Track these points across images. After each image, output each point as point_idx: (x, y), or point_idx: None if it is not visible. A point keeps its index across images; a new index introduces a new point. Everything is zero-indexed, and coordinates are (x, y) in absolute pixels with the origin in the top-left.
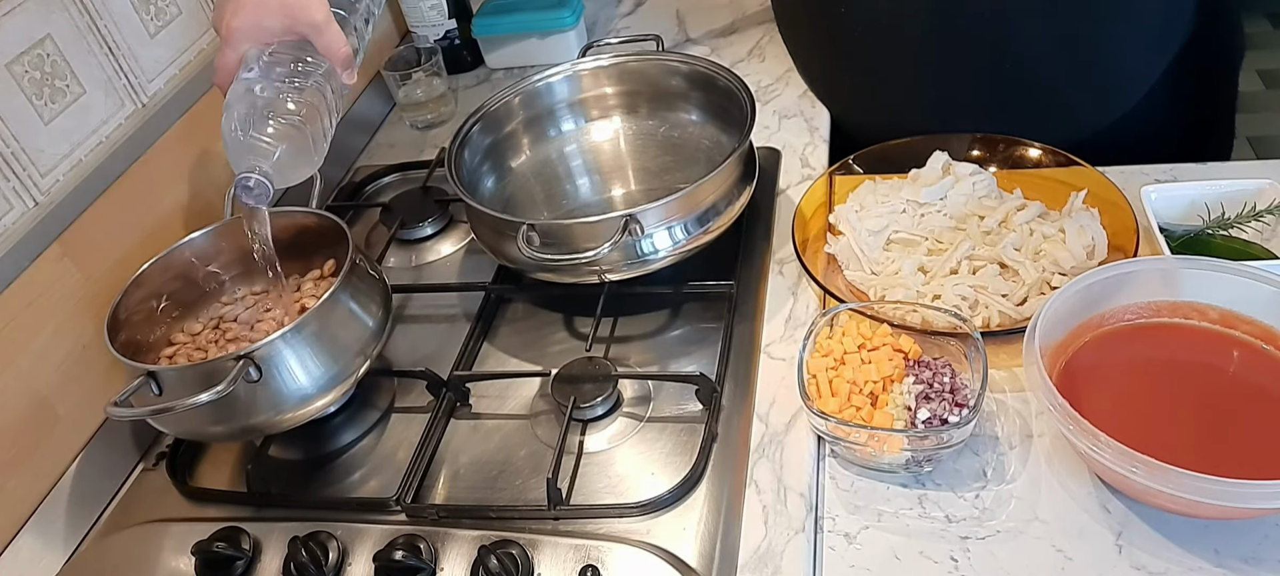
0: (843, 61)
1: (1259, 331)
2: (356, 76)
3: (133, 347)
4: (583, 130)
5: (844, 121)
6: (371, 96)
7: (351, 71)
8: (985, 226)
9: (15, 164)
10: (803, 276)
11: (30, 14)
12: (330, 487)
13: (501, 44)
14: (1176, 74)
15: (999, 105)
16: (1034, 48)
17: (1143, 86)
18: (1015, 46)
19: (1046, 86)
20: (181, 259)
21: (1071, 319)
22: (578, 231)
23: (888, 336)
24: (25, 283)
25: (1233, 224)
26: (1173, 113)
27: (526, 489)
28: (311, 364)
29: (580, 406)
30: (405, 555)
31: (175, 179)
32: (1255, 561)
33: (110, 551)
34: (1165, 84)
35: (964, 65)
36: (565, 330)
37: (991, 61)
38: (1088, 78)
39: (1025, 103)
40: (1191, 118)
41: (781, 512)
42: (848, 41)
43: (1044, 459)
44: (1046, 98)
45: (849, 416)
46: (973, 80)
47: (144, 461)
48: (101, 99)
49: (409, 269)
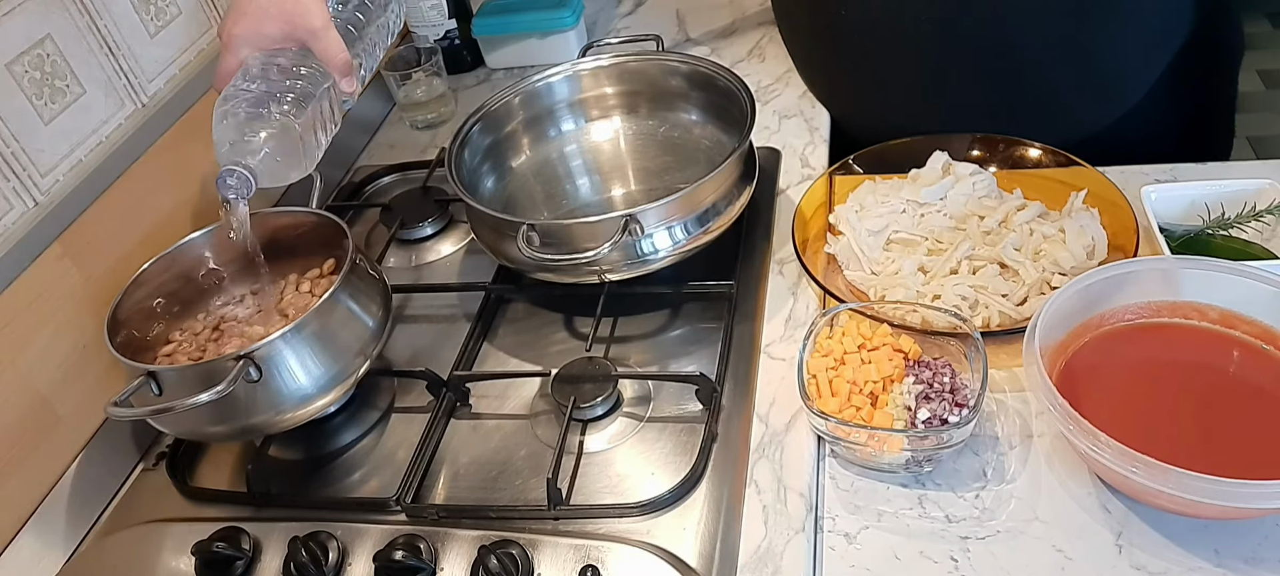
0: (841, 61)
1: (1259, 331)
2: (358, 86)
3: (132, 347)
4: (583, 130)
5: (844, 121)
6: (371, 96)
7: (351, 79)
8: (985, 226)
9: (15, 164)
10: (803, 276)
11: (30, 14)
12: (330, 487)
13: (501, 44)
14: (1176, 74)
15: (998, 105)
16: (1032, 48)
17: (1142, 87)
18: (1013, 46)
19: (1045, 86)
20: (181, 259)
21: (1071, 319)
22: (578, 231)
23: (888, 336)
24: (25, 282)
25: (1233, 224)
26: (1173, 113)
27: (526, 489)
28: (311, 364)
29: (580, 406)
30: (405, 555)
31: (175, 179)
32: (1255, 561)
33: (110, 551)
34: (1165, 84)
35: (963, 65)
36: (565, 330)
37: (990, 62)
38: (1087, 77)
39: (1024, 102)
40: (1192, 117)
41: (781, 512)
42: (846, 42)
43: (1044, 459)
44: (1045, 97)
45: (849, 416)
46: (972, 80)
47: (144, 461)
48: (101, 99)
49: (409, 269)
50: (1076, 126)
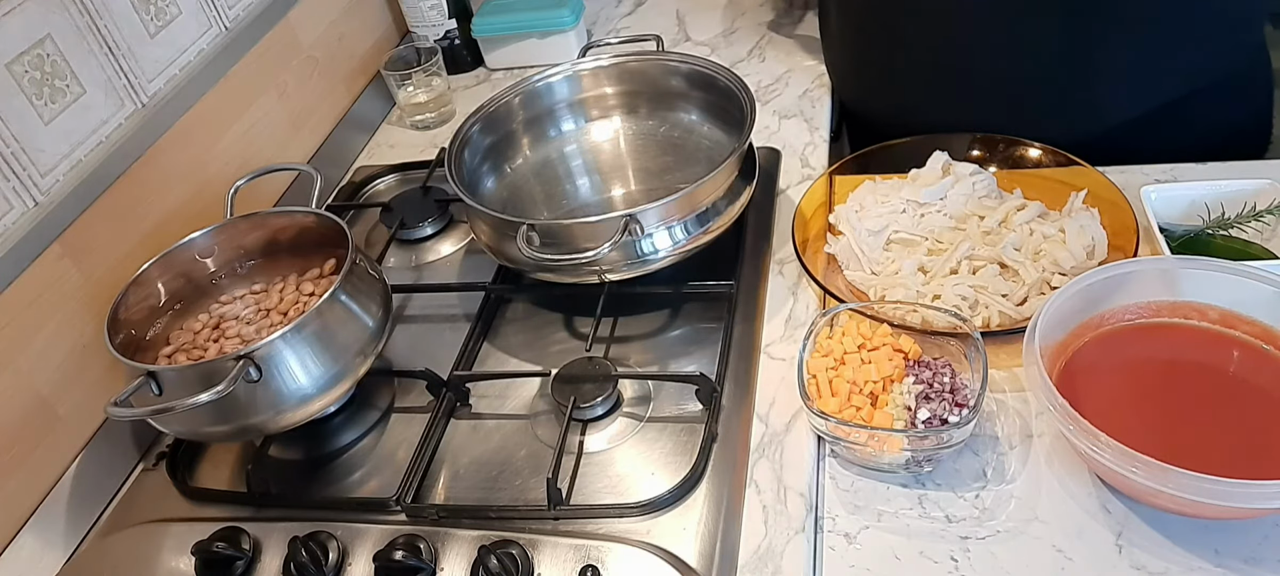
0: (891, 49)
1: (1259, 331)
2: None
3: (132, 347)
4: (583, 130)
5: (861, 109)
6: (371, 96)
7: None
8: (985, 226)
9: (15, 164)
10: (803, 276)
11: (30, 14)
12: (330, 487)
13: (501, 44)
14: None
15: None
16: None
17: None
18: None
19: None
20: (181, 258)
21: (1071, 319)
22: (578, 231)
23: (888, 336)
24: (25, 282)
25: (1233, 224)
26: (1209, 120)
27: (526, 489)
28: (311, 364)
29: (580, 406)
30: (405, 555)
31: (175, 179)
32: (1255, 561)
33: (110, 551)
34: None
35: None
36: (565, 330)
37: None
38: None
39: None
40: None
41: (781, 512)
42: (908, 28)
43: (1044, 459)
44: (1055, 98)
45: (849, 416)
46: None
47: (144, 461)
48: (101, 99)
49: (409, 269)
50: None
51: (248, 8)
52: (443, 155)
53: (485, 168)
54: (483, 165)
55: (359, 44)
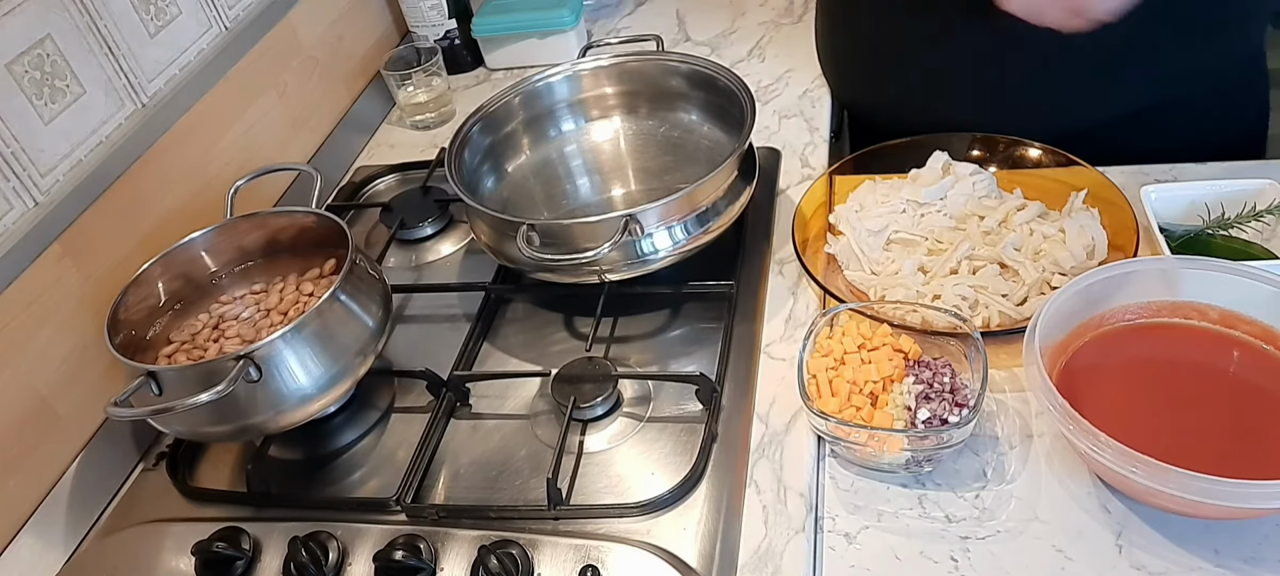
0: (862, 41)
1: (1259, 331)
2: None
3: (132, 347)
4: (583, 130)
5: (861, 109)
6: (371, 96)
7: None
8: (985, 226)
9: (15, 164)
10: (803, 276)
11: (30, 14)
12: (330, 487)
13: (501, 44)
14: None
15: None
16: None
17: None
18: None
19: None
20: (181, 259)
21: (1071, 319)
22: (578, 231)
23: (888, 336)
24: (25, 283)
25: (1233, 224)
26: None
27: (526, 489)
28: (311, 364)
29: (580, 406)
30: (405, 555)
31: (175, 179)
32: (1255, 561)
33: (110, 551)
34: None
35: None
36: (565, 330)
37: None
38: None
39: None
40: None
41: (781, 512)
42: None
43: (1044, 459)
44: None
45: (849, 416)
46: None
47: (144, 461)
48: (101, 99)
49: (409, 269)
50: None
51: (248, 8)
52: (443, 155)
53: (485, 168)
54: (483, 165)
55: (359, 44)
